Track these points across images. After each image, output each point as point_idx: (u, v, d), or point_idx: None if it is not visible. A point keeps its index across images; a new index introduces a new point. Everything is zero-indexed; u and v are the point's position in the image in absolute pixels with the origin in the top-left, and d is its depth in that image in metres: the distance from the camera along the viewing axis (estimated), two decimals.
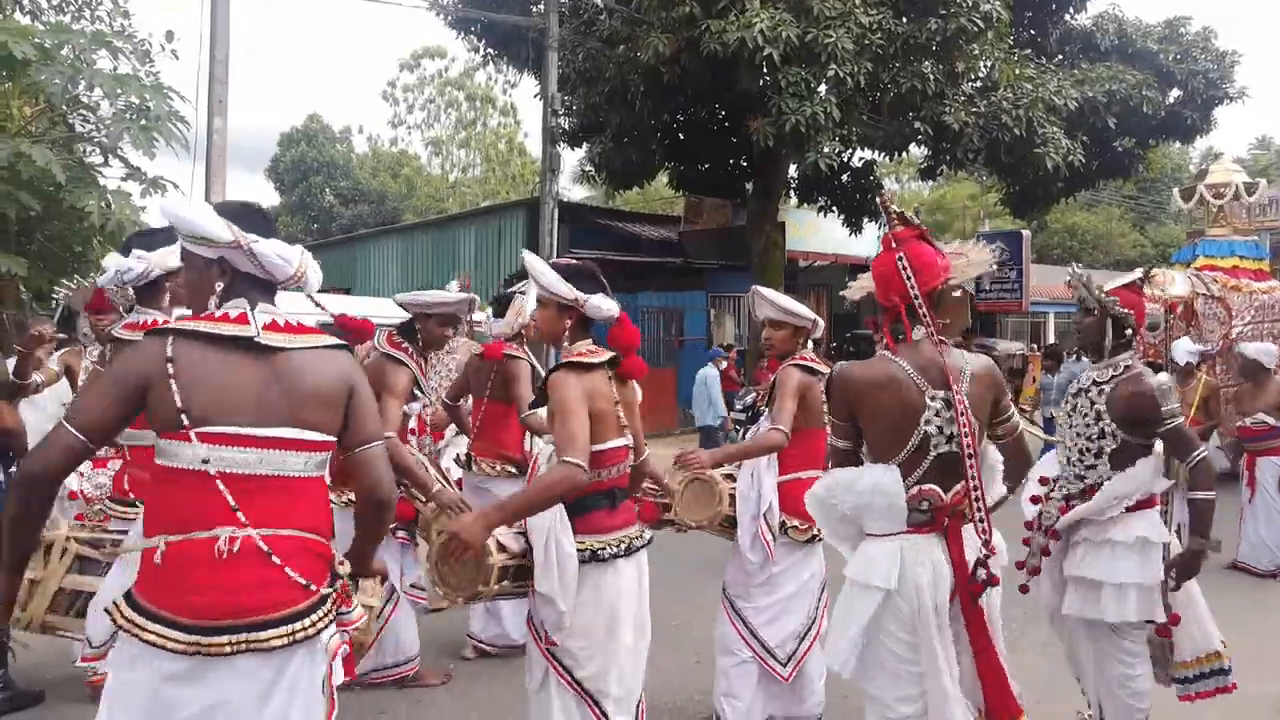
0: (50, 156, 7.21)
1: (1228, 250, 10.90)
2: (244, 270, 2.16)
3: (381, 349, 4.15)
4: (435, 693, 4.43)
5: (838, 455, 2.85)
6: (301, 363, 2.15)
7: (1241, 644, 5.23)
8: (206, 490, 2.01)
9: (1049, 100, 13.49)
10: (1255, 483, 6.86)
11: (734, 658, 3.83)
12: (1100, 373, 3.41)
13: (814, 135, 11.60)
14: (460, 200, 35.44)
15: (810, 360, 3.90)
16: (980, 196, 32.10)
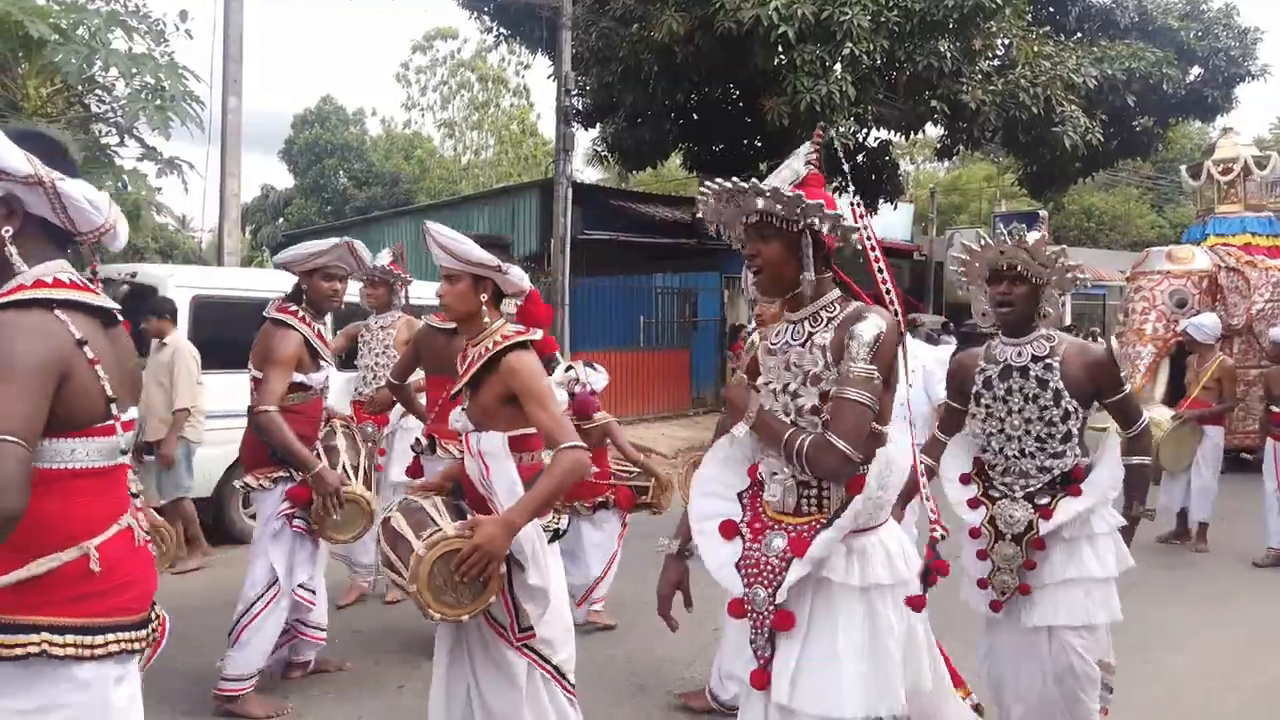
0: (67, 137, 7.21)
1: (1239, 227, 10.67)
2: (36, 214, 1.77)
3: (268, 314, 3.84)
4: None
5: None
6: (121, 335, 1.95)
7: (1238, 629, 5.23)
8: (119, 481, 1.86)
9: (1067, 78, 13.35)
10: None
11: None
12: (1036, 347, 3.01)
13: (829, 114, 11.51)
14: (473, 182, 35.41)
15: (514, 333, 2.76)
16: (997, 177, 31.85)
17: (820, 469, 2.10)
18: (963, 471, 3.18)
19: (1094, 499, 2.92)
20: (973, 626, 3.32)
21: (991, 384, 3.04)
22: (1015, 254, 2.95)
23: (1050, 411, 2.95)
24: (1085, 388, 2.95)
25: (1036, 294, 2.98)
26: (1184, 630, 5.13)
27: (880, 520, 2.21)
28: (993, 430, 3.05)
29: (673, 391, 14.26)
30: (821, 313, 2.22)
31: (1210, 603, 5.66)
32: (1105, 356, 2.96)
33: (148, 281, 6.69)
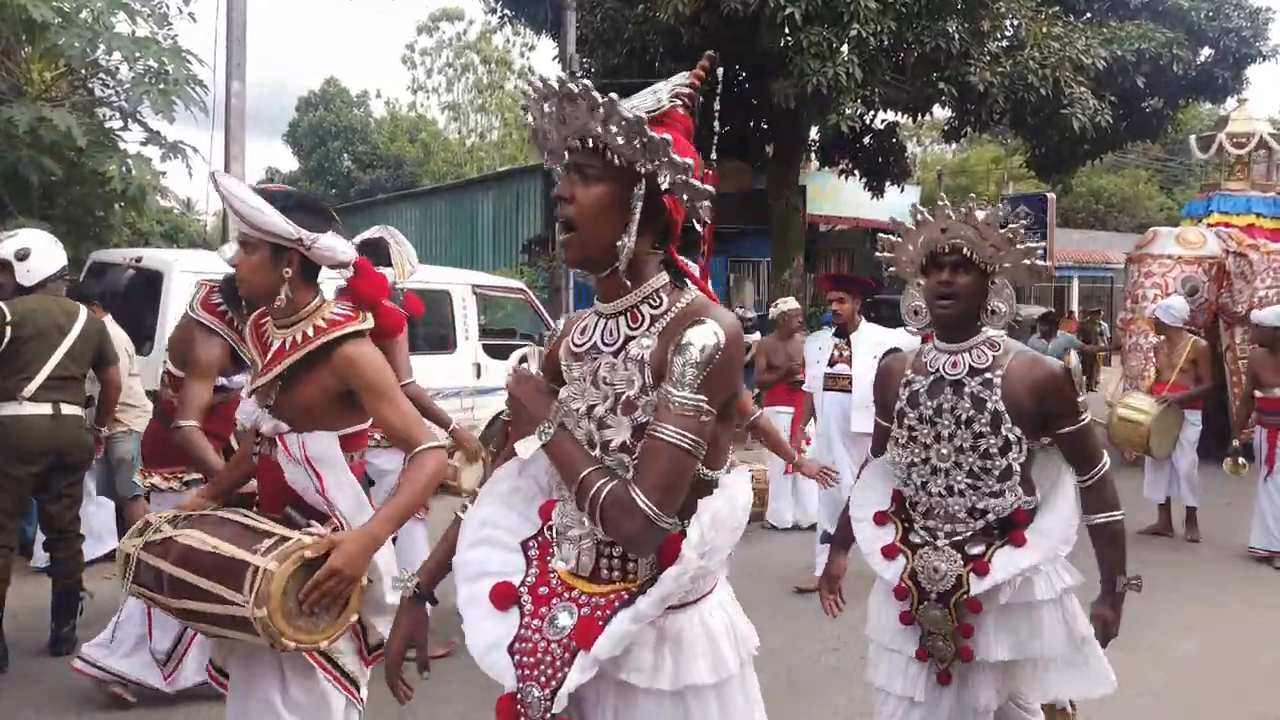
0: (71, 121, 7.22)
1: (1244, 206, 10.19)
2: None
3: (192, 313, 3.48)
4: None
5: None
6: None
7: (1234, 616, 5.22)
8: None
9: (1076, 59, 13.21)
10: (1275, 459, 6.21)
11: None
12: (976, 356, 2.33)
13: (836, 96, 11.42)
14: (478, 165, 35.34)
15: (341, 317, 2.31)
16: (1004, 159, 31.66)
17: (616, 532, 1.52)
18: (879, 509, 2.52)
19: (1042, 553, 2.27)
20: None
21: (918, 400, 2.39)
22: (960, 233, 2.30)
23: (987, 440, 2.29)
24: (1032, 412, 2.29)
25: (984, 286, 2.34)
26: (1192, 613, 5.13)
27: (703, 590, 1.66)
28: (915, 459, 2.40)
29: None
30: (643, 307, 1.63)
31: (1217, 588, 5.65)
32: (1060, 375, 2.30)
33: (153, 266, 6.68)
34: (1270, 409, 6.26)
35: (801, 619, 4.92)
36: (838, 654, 4.46)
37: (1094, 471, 2.36)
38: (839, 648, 4.53)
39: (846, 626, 4.79)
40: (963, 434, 2.33)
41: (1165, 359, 7.00)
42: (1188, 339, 6.85)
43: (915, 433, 2.40)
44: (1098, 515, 2.39)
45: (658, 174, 1.53)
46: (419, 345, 7.94)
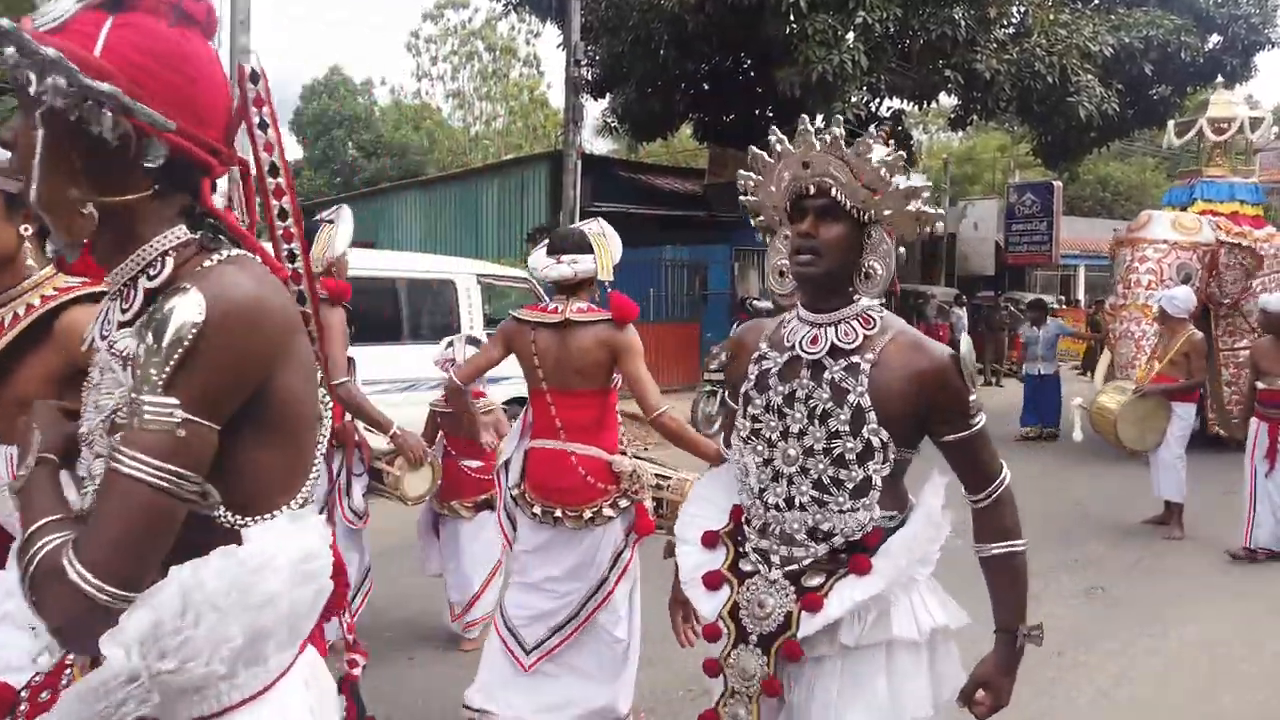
0: None
1: (1228, 193, 9.81)
2: None
3: None
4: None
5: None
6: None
7: (1233, 604, 5.22)
8: None
9: (1084, 47, 13.15)
10: (1277, 454, 5.83)
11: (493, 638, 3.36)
12: (842, 332, 1.81)
13: (841, 84, 11.40)
14: (482, 153, 35.29)
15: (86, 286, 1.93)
16: (1011, 147, 31.53)
17: (45, 617, 1.03)
18: (711, 527, 1.98)
19: (887, 578, 1.76)
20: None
21: (767, 382, 1.85)
22: (826, 168, 1.75)
23: (843, 443, 1.76)
24: (908, 411, 1.77)
25: (858, 239, 1.79)
26: (1195, 601, 5.13)
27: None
28: (755, 459, 1.86)
29: (682, 365, 14.24)
30: (135, 285, 1.19)
31: (1220, 575, 5.65)
32: (947, 365, 1.77)
33: None
34: (1269, 401, 5.90)
35: None
36: None
37: (990, 489, 1.85)
38: None
39: None
40: (815, 431, 1.78)
41: (1161, 349, 6.83)
42: (1187, 331, 6.59)
43: (759, 425, 1.85)
44: (993, 545, 1.85)
45: (46, 91, 1.09)
46: (424, 334, 7.97)
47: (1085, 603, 5.12)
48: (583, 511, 3.18)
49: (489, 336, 4.05)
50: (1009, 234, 22.56)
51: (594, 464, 3.20)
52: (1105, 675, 4.11)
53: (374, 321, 7.63)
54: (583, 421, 3.22)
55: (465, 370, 3.47)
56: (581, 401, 3.22)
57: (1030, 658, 4.31)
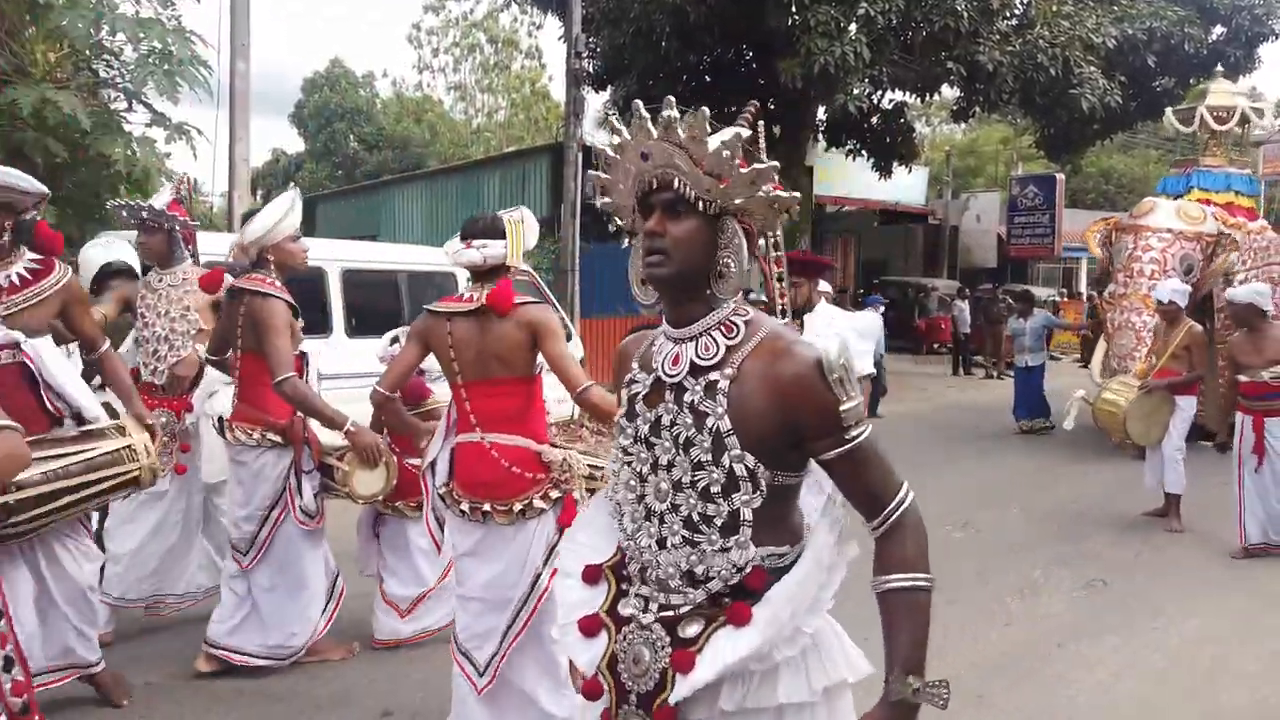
0: (76, 103, 7.21)
1: (1224, 183, 9.59)
2: None
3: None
4: None
5: None
6: None
7: (1233, 599, 5.21)
8: None
9: (1087, 38, 13.11)
10: (1265, 447, 5.74)
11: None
12: (702, 346, 1.58)
13: (843, 76, 11.36)
14: (484, 145, 35.22)
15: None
16: (1013, 139, 31.44)
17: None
18: (595, 560, 1.75)
19: (765, 634, 1.51)
20: None
21: (636, 410, 1.65)
22: (668, 155, 1.53)
23: (706, 474, 1.54)
24: (774, 428, 1.52)
25: (712, 235, 1.55)
26: (1195, 595, 5.13)
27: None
28: (628, 494, 1.66)
29: None
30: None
31: (1221, 569, 5.65)
32: (810, 371, 1.50)
33: None
34: (1252, 393, 5.81)
35: None
36: None
37: (885, 514, 1.57)
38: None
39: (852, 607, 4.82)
40: (683, 463, 1.57)
41: (1160, 343, 6.74)
42: (1186, 324, 6.52)
43: (629, 457, 1.65)
44: (891, 577, 1.56)
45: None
46: None
47: (1085, 596, 5.12)
48: (512, 505, 3.02)
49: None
50: (1011, 226, 22.52)
51: (518, 454, 3.05)
52: (1105, 669, 4.11)
53: (376, 314, 7.64)
54: (506, 411, 3.07)
55: (388, 377, 3.23)
56: (504, 390, 3.07)
57: (1030, 653, 4.33)
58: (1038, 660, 4.21)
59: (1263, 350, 5.74)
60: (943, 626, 4.57)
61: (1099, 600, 5.07)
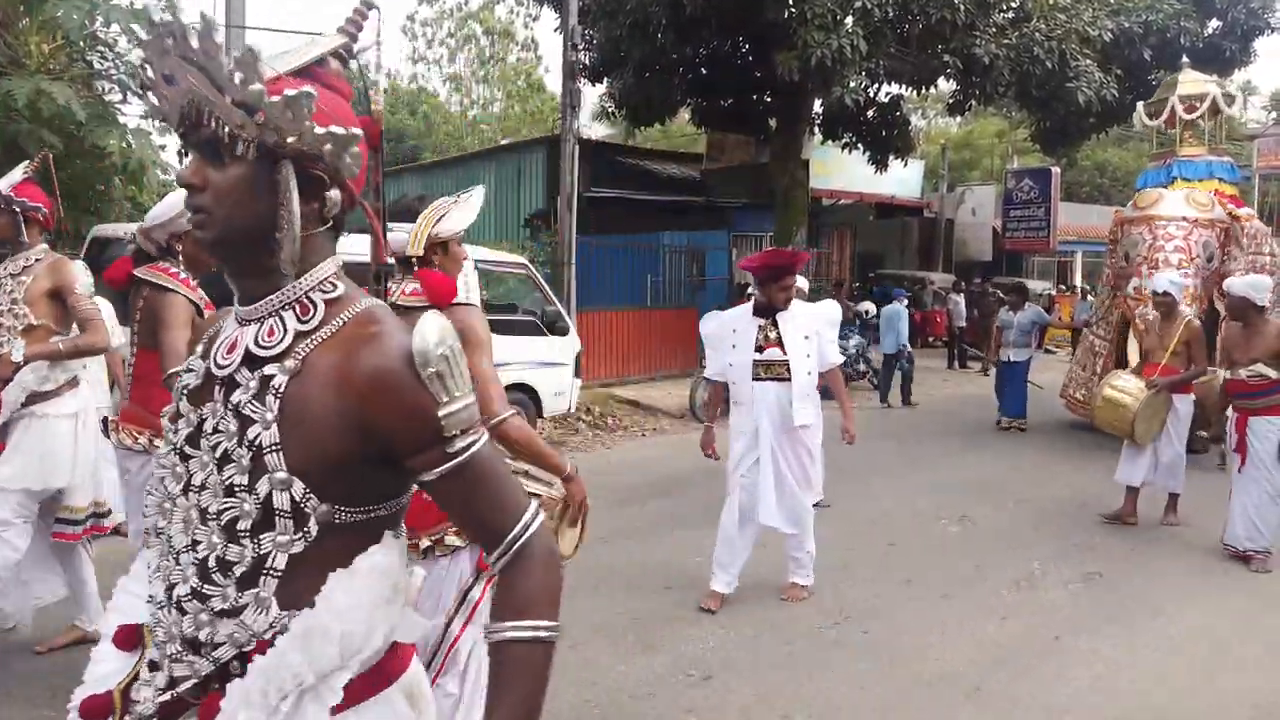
0: (70, 94, 7.18)
1: (1205, 172, 9.29)
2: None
3: None
4: None
5: None
6: None
7: (1230, 594, 5.23)
8: None
9: (1083, 31, 13.08)
10: (1246, 448, 5.56)
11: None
12: (268, 330, 1.25)
13: (840, 69, 11.32)
14: (479, 137, 35.14)
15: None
16: (1009, 132, 31.44)
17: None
18: (128, 621, 1.37)
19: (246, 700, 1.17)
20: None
21: (180, 409, 1.30)
22: (194, 91, 1.17)
23: (236, 502, 1.19)
24: (344, 443, 1.18)
25: (271, 186, 1.21)
26: (1193, 587, 5.15)
27: None
28: (159, 524, 1.29)
29: (679, 351, 14.22)
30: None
31: (1218, 560, 5.65)
32: (397, 362, 1.18)
33: None
34: (1233, 391, 5.65)
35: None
36: (839, 628, 4.48)
37: (507, 542, 1.23)
38: (840, 622, 4.56)
39: (848, 601, 4.83)
40: (215, 484, 1.20)
41: (1156, 338, 6.43)
42: (1184, 317, 6.33)
43: (164, 473, 1.28)
44: (505, 625, 1.21)
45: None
46: None
47: (1084, 590, 5.14)
48: (420, 540, 2.60)
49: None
50: (1007, 220, 22.52)
51: None
52: (1104, 663, 4.13)
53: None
54: None
55: None
56: None
57: (1028, 646, 4.35)
58: (1036, 654, 4.23)
59: (1250, 347, 5.51)
60: (940, 621, 4.59)
61: (1097, 594, 5.08)
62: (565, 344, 8.95)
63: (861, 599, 4.90)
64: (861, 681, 3.89)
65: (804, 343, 4.66)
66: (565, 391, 9.00)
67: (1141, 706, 3.73)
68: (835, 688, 3.83)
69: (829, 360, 4.78)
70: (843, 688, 3.83)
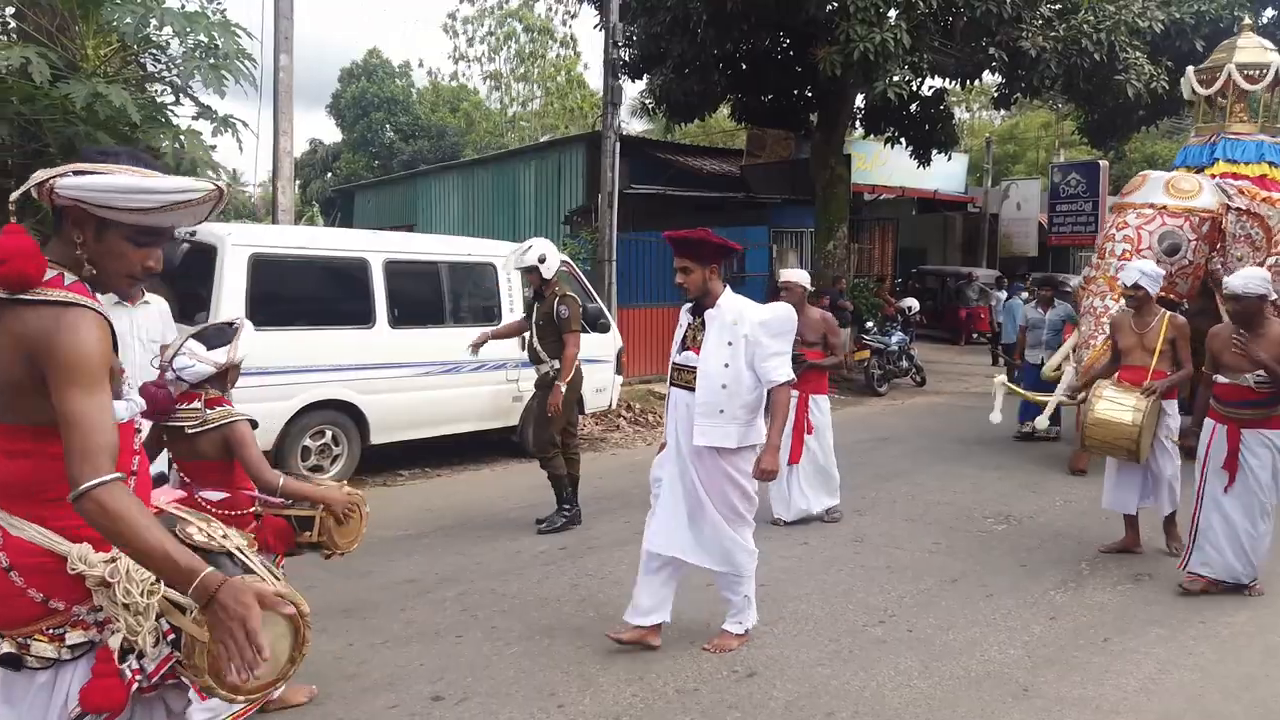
0: (126, 97, 7.34)
1: (1255, 154, 8.30)
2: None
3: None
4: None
5: None
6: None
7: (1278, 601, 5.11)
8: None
9: (1133, 23, 12.83)
10: (1238, 465, 4.83)
11: None
12: None
13: (883, 63, 11.22)
14: (519, 134, 35.34)
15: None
16: (1054, 125, 30.94)
17: None
18: None
19: None
20: None
21: None
22: None
23: None
24: None
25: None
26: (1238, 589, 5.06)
27: None
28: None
29: None
30: None
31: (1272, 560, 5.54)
32: None
33: (207, 241, 6.81)
34: (1231, 398, 4.84)
35: (854, 589, 4.94)
36: (883, 626, 4.47)
37: None
38: (884, 620, 4.55)
39: (893, 599, 4.81)
40: None
41: (1133, 337, 5.56)
42: (1160, 313, 5.51)
43: None
44: None
45: None
46: (465, 318, 8.03)
47: (1134, 589, 5.07)
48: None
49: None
50: (1053, 214, 22.19)
51: (29, 558, 1.79)
52: (1153, 662, 4.07)
53: (416, 305, 7.72)
54: (12, 478, 1.82)
55: None
56: (9, 444, 1.82)
57: (1077, 645, 4.30)
58: (1084, 652, 4.18)
59: (1260, 347, 4.68)
60: (987, 620, 4.56)
61: (1146, 594, 5.01)
62: (607, 341, 8.99)
63: (906, 596, 4.88)
64: (907, 679, 3.88)
65: (724, 349, 3.92)
66: (607, 388, 9.05)
67: (1192, 708, 3.68)
68: (880, 686, 3.82)
69: (768, 377, 3.90)
70: (888, 686, 3.82)
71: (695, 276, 3.96)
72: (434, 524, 6.23)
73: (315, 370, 6.94)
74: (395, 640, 4.22)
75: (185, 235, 7.06)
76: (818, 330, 6.39)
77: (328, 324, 7.15)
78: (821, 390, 6.47)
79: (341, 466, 7.19)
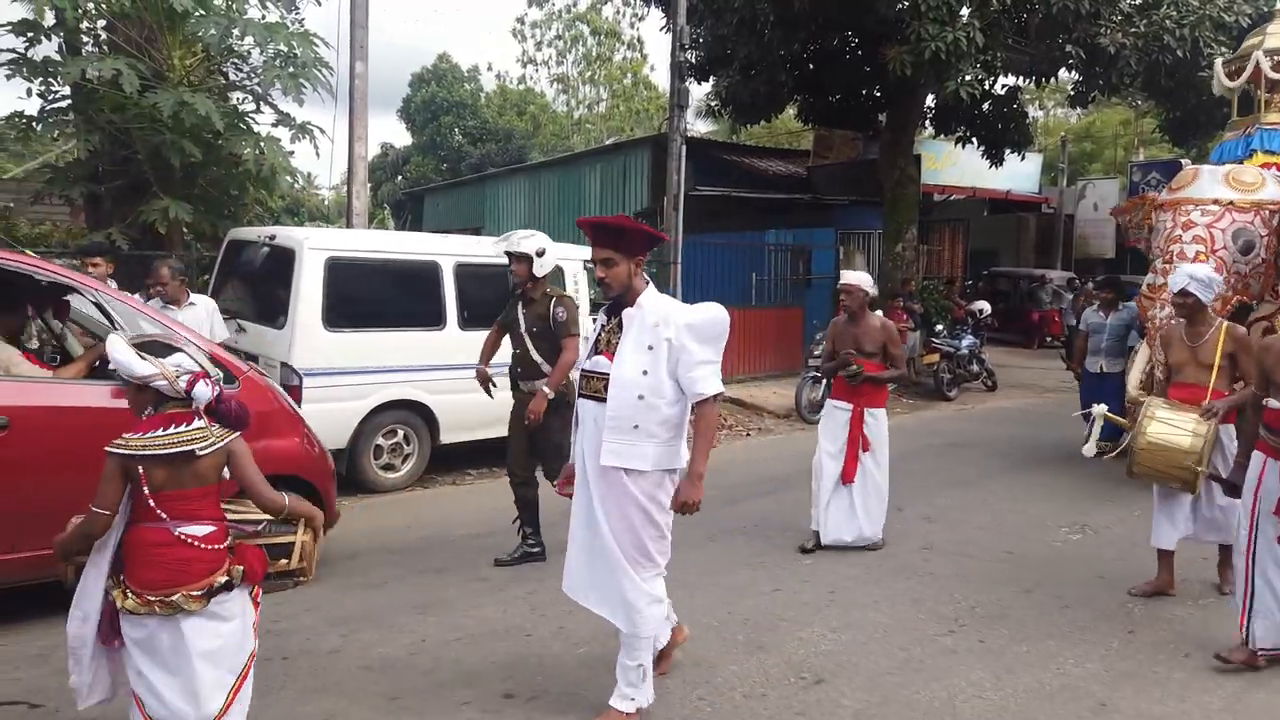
0: (210, 105, 7.63)
1: None
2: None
3: None
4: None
5: None
6: None
7: None
8: None
9: (1218, 17, 12.41)
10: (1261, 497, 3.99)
11: None
12: None
13: (955, 62, 11.04)
14: (585, 136, 35.60)
15: None
16: (1133, 123, 30.03)
17: None
18: None
19: None
20: None
21: None
22: None
23: None
24: None
25: None
26: None
27: None
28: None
29: (785, 350, 14.12)
30: None
31: None
32: None
33: (286, 244, 7.01)
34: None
35: (923, 597, 4.88)
36: (954, 635, 4.41)
37: None
38: (955, 630, 4.48)
39: (964, 608, 4.74)
40: None
41: (1186, 351, 4.86)
42: (1216, 323, 4.82)
43: None
44: None
45: None
46: None
47: (1215, 602, 4.91)
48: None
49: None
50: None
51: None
52: (1237, 679, 3.94)
53: (486, 307, 7.82)
54: None
55: None
56: None
57: (1157, 660, 4.18)
58: (1164, 668, 4.07)
59: None
60: (1063, 632, 4.46)
61: (1229, 610, 4.84)
62: None
63: (979, 605, 4.80)
64: (979, 690, 3.82)
65: (642, 355, 3.36)
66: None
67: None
68: (952, 696, 3.77)
69: (694, 389, 3.34)
70: (960, 697, 3.76)
71: (619, 270, 3.41)
72: (503, 523, 6.31)
73: (388, 371, 7.09)
74: (468, 638, 4.30)
75: (265, 239, 7.29)
76: (876, 339, 5.75)
77: (400, 326, 7.30)
78: (879, 403, 5.85)
79: (412, 465, 7.33)
